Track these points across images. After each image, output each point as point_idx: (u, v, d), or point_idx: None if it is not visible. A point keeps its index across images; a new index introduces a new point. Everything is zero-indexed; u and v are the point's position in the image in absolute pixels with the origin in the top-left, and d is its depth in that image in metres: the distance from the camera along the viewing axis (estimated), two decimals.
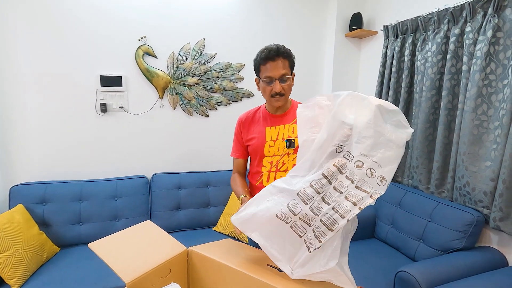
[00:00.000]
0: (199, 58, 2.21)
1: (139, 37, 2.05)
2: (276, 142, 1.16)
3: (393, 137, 0.73)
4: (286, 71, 1.10)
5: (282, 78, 1.10)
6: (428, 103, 1.86)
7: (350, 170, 0.75)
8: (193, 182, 2.17)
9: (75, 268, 1.60)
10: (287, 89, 1.12)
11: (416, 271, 1.36)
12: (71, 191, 1.89)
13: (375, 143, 0.73)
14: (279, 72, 1.08)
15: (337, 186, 0.76)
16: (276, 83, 1.09)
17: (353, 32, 2.39)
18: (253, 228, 0.84)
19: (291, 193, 0.78)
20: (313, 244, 0.75)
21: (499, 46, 1.49)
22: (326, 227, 0.72)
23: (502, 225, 1.49)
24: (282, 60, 1.09)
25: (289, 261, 0.80)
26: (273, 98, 1.12)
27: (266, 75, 1.10)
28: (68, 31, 1.90)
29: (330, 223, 0.72)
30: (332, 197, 0.75)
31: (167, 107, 2.21)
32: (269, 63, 1.09)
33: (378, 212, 2.11)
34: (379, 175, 0.72)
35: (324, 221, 0.73)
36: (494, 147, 1.52)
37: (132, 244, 0.99)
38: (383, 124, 0.75)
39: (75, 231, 1.86)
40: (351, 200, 0.73)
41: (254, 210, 0.84)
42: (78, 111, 1.99)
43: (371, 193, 0.72)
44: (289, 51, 1.12)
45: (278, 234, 0.80)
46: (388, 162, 0.73)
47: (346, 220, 0.71)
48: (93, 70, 1.99)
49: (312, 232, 0.75)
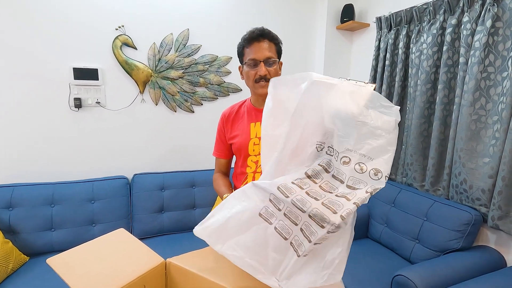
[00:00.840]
0: (183, 50, 2.07)
1: (116, 26, 1.89)
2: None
3: (379, 123, 0.63)
4: (272, 54, 1.00)
5: (268, 61, 0.99)
6: (423, 98, 1.78)
7: (336, 168, 0.65)
8: (177, 183, 2.04)
9: (44, 280, 1.45)
10: (274, 74, 1.00)
11: (415, 275, 1.28)
12: (41, 194, 1.73)
13: (359, 135, 0.63)
14: (264, 54, 0.98)
15: (323, 185, 0.66)
16: (261, 66, 0.98)
17: (344, 24, 2.30)
18: (225, 237, 0.71)
19: (271, 186, 0.67)
20: (302, 245, 0.63)
21: (498, 37, 1.42)
22: (317, 223, 0.60)
23: (501, 224, 1.43)
24: (268, 43, 0.99)
25: (274, 272, 0.68)
26: (258, 84, 1.01)
27: (250, 57, 0.99)
28: (37, 18, 1.72)
29: (320, 219, 0.60)
30: (319, 193, 0.65)
31: (148, 103, 2.06)
32: (253, 45, 0.98)
33: (372, 211, 2.03)
34: (371, 168, 0.63)
35: (313, 215, 0.61)
36: (493, 143, 1.46)
37: (100, 257, 0.85)
38: (363, 111, 0.64)
39: (46, 238, 1.70)
40: (343, 196, 0.63)
41: (227, 214, 0.71)
42: (49, 107, 1.82)
43: (366, 189, 0.62)
44: (275, 35, 1.02)
45: (260, 239, 0.68)
46: (380, 152, 0.63)
47: (339, 217, 0.59)
48: (65, 62, 1.81)
49: (300, 231, 0.63)
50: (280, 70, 1.06)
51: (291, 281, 0.65)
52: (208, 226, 0.73)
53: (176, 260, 0.86)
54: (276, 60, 1.01)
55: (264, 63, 0.98)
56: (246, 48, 1.00)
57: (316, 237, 0.60)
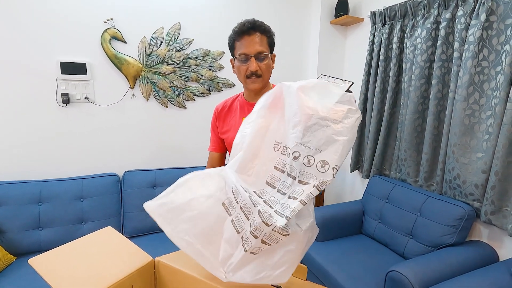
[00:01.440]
0: (174, 44, 2.02)
1: (105, 19, 1.83)
2: None
3: (327, 113, 0.60)
4: (264, 48, 0.96)
5: (259, 56, 0.95)
6: (417, 93, 1.77)
7: (289, 166, 0.63)
8: (169, 180, 1.98)
9: (31, 280, 1.40)
10: (265, 69, 0.97)
11: (409, 270, 1.28)
12: (28, 192, 1.67)
13: (306, 127, 0.61)
14: (255, 48, 0.94)
15: (280, 187, 0.64)
16: (251, 61, 0.95)
17: (338, 19, 2.27)
18: (181, 220, 0.67)
19: (237, 178, 0.66)
20: (248, 241, 0.61)
21: (492, 31, 1.42)
22: (263, 221, 0.58)
23: (494, 218, 1.43)
24: (260, 36, 0.95)
25: (223, 264, 0.66)
26: (249, 80, 0.98)
27: (240, 52, 0.95)
28: (22, 10, 1.66)
29: (266, 217, 0.57)
30: (275, 200, 0.63)
31: (139, 98, 2.01)
32: (244, 38, 0.94)
33: (365, 207, 2.02)
34: (318, 160, 0.60)
35: (261, 212, 0.58)
36: (486, 138, 1.45)
37: (85, 257, 0.82)
38: (310, 104, 0.62)
39: (33, 237, 1.65)
40: (292, 196, 0.61)
41: (190, 195, 0.68)
42: (36, 103, 1.76)
43: (314, 183, 0.59)
44: (267, 27, 0.98)
45: (217, 229, 0.66)
46: (328, 143, 0.60)
47: (285, 219, 0.57)
48: (52, 56, 1.75)
49: (249, 226, 0.62)
50: (273, 63, 1.03)
51: (237, 274, 0.64)
52: (165, 203, 0.69)
53: (165, 259, 0.83)
54: (267, 55, 0.97)
55: (255, 58, 0.95)
56: (236, 41, 0.96)
57: (261, 234, 0.58)
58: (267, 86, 1.05)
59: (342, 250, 1.78)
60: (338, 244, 1.85)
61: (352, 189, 2.50)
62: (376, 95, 2.04)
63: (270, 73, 1.01)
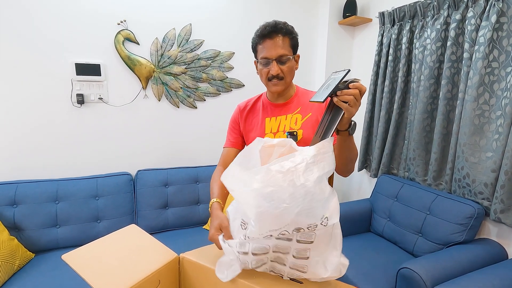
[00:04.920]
0: (186, 45, 2.05)
1: (118, 21, 1.87)
2: (277, 135, 1.03)
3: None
4: (286, 51, 0.95)
5: (281, 59, 0.95)
6: (426, 93, 1.79)
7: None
8: (181, 178, 2.04)
9: (51, 276, 1.45)
10: (287, 71, 0.97)
11: (420, 267, 1.31)
12: (45, 191, 1.72)
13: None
14: (276, 52, 0.94)
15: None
16: (273, 65, 0.95)
17: (347, 19, 2.29)
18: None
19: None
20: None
21: (502, 32, 1.43)
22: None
23: (503, 217, 1.46)
24: (282, 38, 0.94)
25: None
26: (271, 82, 0.98)
27: (262, 55, 0.96)
28: (38, 13, 1.70)
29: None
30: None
31: (151, 98, 2.05)
32: (265, 42, 0.95)
33: (374, 206, 2.05)
34: (240, 222, 0.72)
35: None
36: (496, 138, 1.47)
37: (114, 253, 0.86)
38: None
39: (51, 235, 1.69)
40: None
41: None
42: (52, 103, 1.80)
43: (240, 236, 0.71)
44: (290, 28, 0.96)
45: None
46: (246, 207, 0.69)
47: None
48: (67, 57, 1.79)
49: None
50: (298, 64, 1.03)
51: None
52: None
53: (189, 255, 0.86)
54: (289, 57, 0.96)
55: (276, 62, 0.95)
56: (259, 44, 0.97)
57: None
58: (290, 87, 1.06)
59: (352, 247, 1.81)
60: (347, 242, 1.83)
61: (359, 188, 2.53)
62: (385, 95, 2.06)
63: (292, 75, 1.01)
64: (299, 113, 1.02)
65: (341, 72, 0.70)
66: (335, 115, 0.73)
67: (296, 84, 1.10)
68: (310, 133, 0.97)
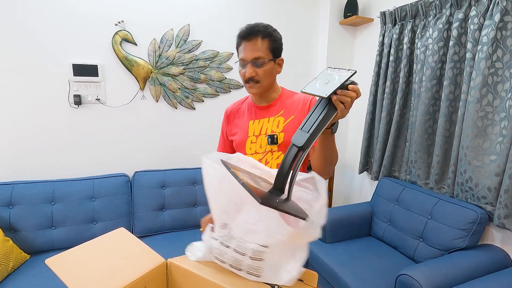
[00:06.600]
0: (184, 46, 2.04)
1: (116, 22, 1.86)
2: (259, 138, 1.02)
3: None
4: (262, 53, 0.93)
5: (256, 61, 0.93)
6: (428, 94, 1.75)
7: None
8: (178, 180, 2.02)
9: (45, 278, 1.43)
10: (263, 75, 0.95)
11: (420, 274, 1.27)
12: (41, 191, 1.71)
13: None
14: (252, 54, 0.93)
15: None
16: (248, 67, 0.94)
17: (348, 19, 2.26)
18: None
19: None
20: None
21: (506, 31, 1.39)
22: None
23: (507, 222, 1.41)
24: (260, 41, 0.92)
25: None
26: (247, 84, 0.97)
27: (240, 57, 0.95)
28: (36, 14, 1.69)
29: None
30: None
31: (149, 99, 2.03)
32: (244, 43, 0.94)
33: (374, 209, 2.01)
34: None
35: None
36: (500, 140, 1.43)
37: (99, 257, 0.84)
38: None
39: (46, 236, 1.69)
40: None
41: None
42: (49, 104, 1.80)
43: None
44: (270, 30, 0.94)
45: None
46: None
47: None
48: (65, 58, 1.79)
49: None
50: (281, 68, 1.01)
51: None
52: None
53: (177, 261, 0.84)
54: (265, 61, 0.94)
55: (252, 64, 0.94)
56: (239, 46, 0.97)
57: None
58: (273, 90, 1.04)
59: (351, 252, 1.77)
60: (347, 246, 1.84)
61: (360, 191, 2.49)
62: (386, 96, 2.02)
63: (270, 78, 0.98)
64: (281, 116, 1.00)
65: (343, 70, 0.67)
66: (328, 114, 0.70)
67: (282, 86, 1.08)
68: (291, 137, 0.95)
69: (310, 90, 0.69)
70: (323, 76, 0.70)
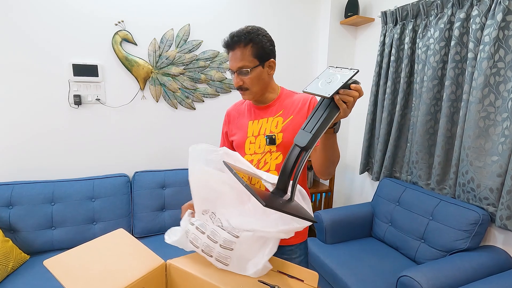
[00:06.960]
0: (184, 46, 2.03)
1: (116, 22, 1.85)
2: (258, 138, 1.01)
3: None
4: (245, 62, 0.91)
5: (241, 71, 0.93)
6: (430, 94, 1.74)
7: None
8: (179, 180, 2.01)
9: (45, 279, 1.43)
10: (250, 82, 0.94)
11: (421, 276, 1.26)
12: (41, 192, 1.71)
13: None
14: (235, 64, 0.92)
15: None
16: (235, 76, 0.95)
17: (348, 19, 2.25)
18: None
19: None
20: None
21: (509, 31, 1.38)
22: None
23: (510, 223, 1.40)
24: (242, 49, 0.91)
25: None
26: (239, 91, 0.99)
27: (228, 65, 0.96)
28: (35, 14, 1.69)
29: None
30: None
31: (149, 99, 2.03)
32: (229, 53, 0.94)
33: (375, 210, 2.00)
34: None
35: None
36: (502, 141, 1.42)
37: (98, 259, 0.83)
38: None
39: (46, 237, 1.68)
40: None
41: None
42: (49, 104, 1.79)
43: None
44: (253, 35, 0.91)
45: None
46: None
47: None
48: (65, 58, 1.78)
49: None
50: (273, 69, 0.99)
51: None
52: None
53: (176, 262, 0.83)
54: (249, 69, 0.92)
55: (238, 73, 0.94)
56: (228, 54, 0.97)
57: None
58: (271, 90, 1.03)
59: (352, 253, 1.76)
60: (348, 247, 1.83)
61: (361, 191, 2.48)
62: (387, 96, 2.01)
63: (260, 83, 0.97)
64: (280, 116, 1.00)
65: (345, 69, 0.67)
66: (331, 113, 0.69)
67: (281, 86, 1.07)
68: (290, 137, 0.95)
69: (312, 89, 0.68)
70: (325, 76, 0.69)
